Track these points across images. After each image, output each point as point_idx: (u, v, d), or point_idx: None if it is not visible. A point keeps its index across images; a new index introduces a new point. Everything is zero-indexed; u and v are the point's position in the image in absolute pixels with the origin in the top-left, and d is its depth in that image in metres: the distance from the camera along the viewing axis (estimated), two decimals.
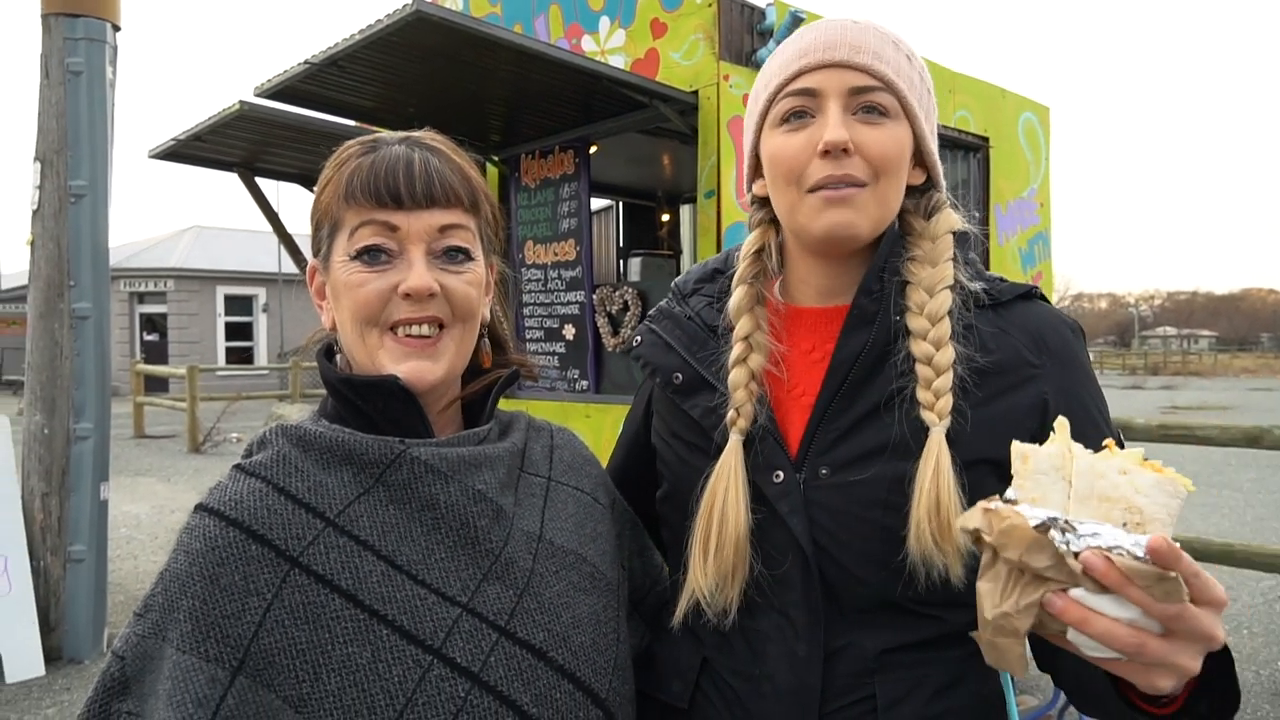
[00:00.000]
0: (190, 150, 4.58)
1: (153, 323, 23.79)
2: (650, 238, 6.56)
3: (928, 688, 0.94)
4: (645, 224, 6.68)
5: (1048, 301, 1.03)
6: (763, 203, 1.07)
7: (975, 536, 0.71)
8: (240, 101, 3.90)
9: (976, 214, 4.61)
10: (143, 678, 0.82)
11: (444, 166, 0.94)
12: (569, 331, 4.37)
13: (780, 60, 1.00)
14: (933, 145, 1.02)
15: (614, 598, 1.01)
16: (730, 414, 1.00)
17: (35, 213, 4.48)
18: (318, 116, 4.20)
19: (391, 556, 0.86)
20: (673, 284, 1.17)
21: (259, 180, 5.04)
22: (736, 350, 1.01)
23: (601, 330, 4.21)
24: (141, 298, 23.53)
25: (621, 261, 6.30)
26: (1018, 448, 0.72)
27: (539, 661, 0.88)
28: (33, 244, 4.50)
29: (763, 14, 3.87)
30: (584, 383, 4.32)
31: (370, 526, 0.86)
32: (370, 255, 0.90)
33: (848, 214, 0.95)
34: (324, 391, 1.00)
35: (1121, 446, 0.97)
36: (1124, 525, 0.66)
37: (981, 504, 0.71)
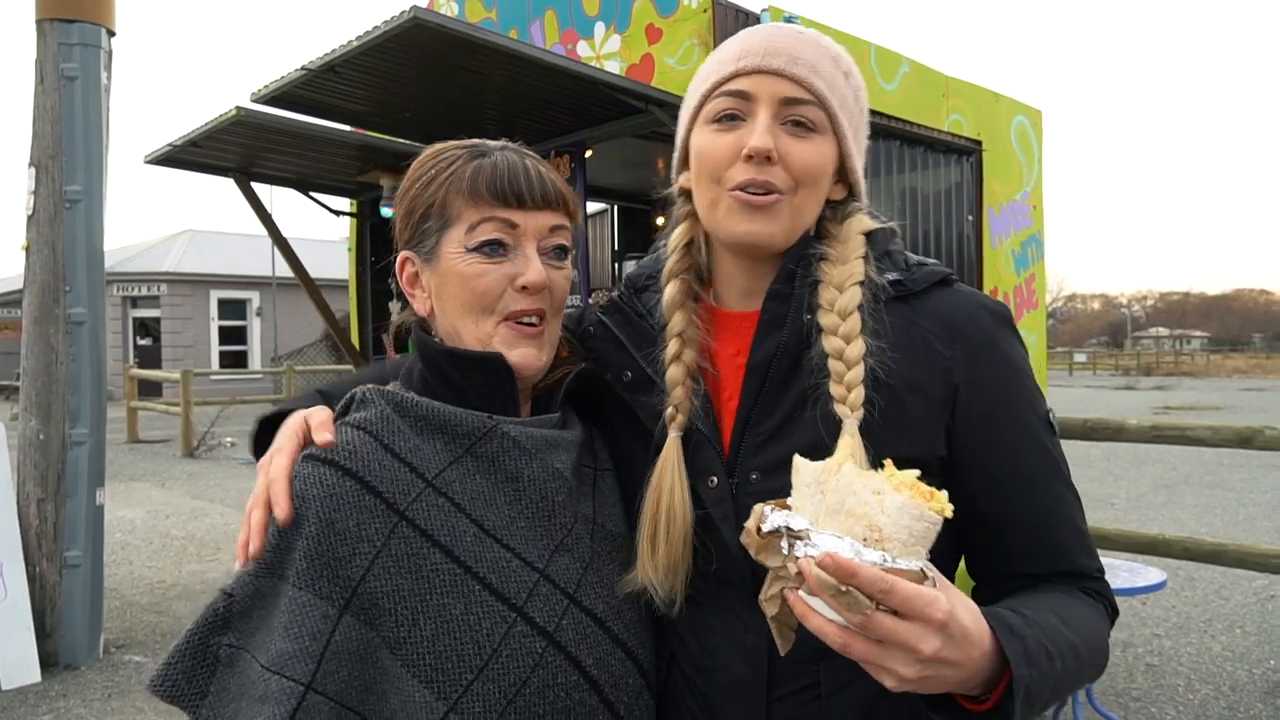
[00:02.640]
0: (187, 156, 4.57)
1: (146, 327, 23.73)
2: (645, 241, 6.57)
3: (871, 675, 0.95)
4: (640, 227, 6.70)
5: (970, 287, 1.02)
6: (688, 196, 1.06)
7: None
8: (237, 107, 3.90)
9: (970, 217, 4.64)
10: (250, 613, 0.88)
11: (550, 175, 1.02)
12: None
13: (720, 58, 1.01)
14: (858, 163, 1.02)
15: None
16: (669, 410, 1.01)
17: (30, 218, 4.48)
18: (314, 122, 4.20)
19: (480, 520, 0.93)
20: (626, 275, 1.17)
21: (253, 184, 5.04)
22: (672, 347, 1.03)
23: None
24: (135, 302, 23.47)
25: (616, 265, 6.32)
26: (796, 460, 0.77)
27: (599, 629, 0.96)
28: (28, 249, 4.49)
29: (757, 19, 3.89)
30: None
31: (462, 491, 0.94)
32: (490, 248, 0.97)
33: (761, 223, 0.96)
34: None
35: (1054, 431, 0.98)
36: (864, 540, 0.70)
37: (759, 505, 0.77)
